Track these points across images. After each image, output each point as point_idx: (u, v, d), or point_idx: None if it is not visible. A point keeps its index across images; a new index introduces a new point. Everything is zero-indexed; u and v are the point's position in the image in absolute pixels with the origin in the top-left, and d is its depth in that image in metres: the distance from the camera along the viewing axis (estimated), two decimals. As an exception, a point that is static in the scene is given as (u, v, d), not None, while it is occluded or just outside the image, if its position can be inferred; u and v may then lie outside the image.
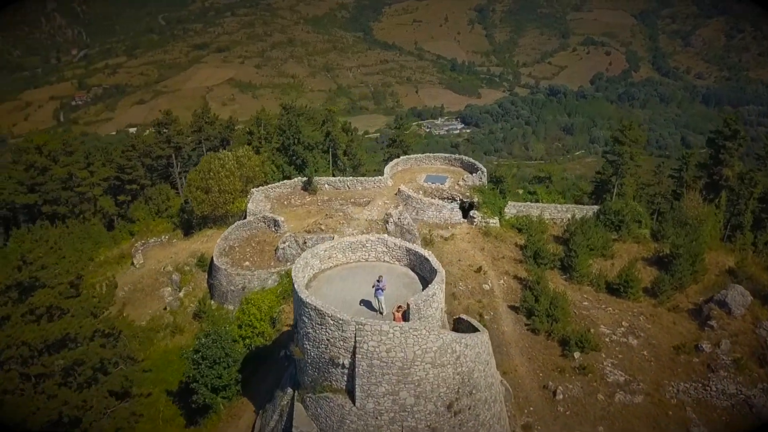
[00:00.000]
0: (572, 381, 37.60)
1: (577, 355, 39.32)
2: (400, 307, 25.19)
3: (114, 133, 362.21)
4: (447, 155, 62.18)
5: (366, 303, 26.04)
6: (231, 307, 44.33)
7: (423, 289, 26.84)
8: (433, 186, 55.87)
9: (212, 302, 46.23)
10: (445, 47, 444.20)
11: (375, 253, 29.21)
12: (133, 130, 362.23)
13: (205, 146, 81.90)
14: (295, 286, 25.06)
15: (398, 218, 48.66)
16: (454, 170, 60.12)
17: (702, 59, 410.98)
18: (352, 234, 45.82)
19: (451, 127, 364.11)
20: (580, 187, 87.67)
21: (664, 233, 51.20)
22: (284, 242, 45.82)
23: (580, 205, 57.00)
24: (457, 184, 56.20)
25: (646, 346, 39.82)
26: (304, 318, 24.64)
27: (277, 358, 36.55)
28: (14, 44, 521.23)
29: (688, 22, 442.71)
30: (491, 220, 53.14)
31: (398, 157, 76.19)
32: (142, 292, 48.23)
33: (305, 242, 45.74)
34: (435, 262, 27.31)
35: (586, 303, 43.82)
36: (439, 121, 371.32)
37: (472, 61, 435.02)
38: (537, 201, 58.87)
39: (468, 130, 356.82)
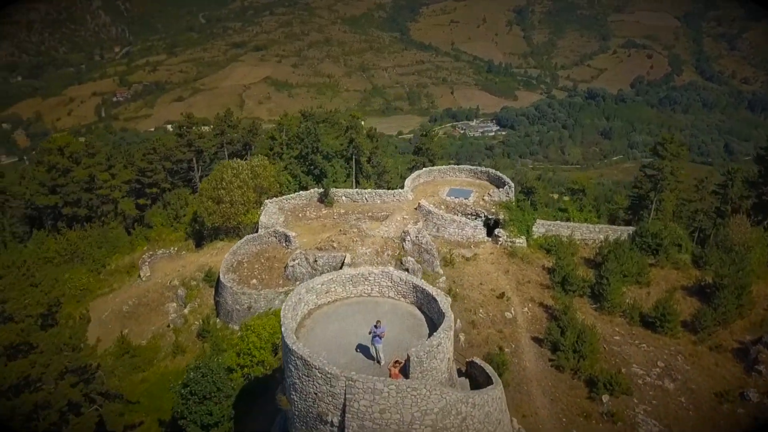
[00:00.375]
0: (599, 429, 34.01)
1: (605, 398, 35.67)
2: (397, 362, 22.21)
3: (152, 129, 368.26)
4: (473, 167, 58.80)
5: (364, 349, 23.18)
6: (236, 327, 42.06)
7: (429, 334, 23.84)
8: (456, 201, 52.63)
9: (218, 321, 44.05)
10: (482, 48, 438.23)
11: (379, 288, 26.30)
12: (170, 127, 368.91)
13: (227, 150, 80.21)
14: (283, 329, 22.40)
15: (416, 236, 45.63)
16: (480, 184, 56.71)
17: (749, 63, 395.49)
18: (366, 253, 43.02)
19: (486, 128, 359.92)
20: (616, 201, 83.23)
21: (707, 260, 46.91)
22: (294, 260, 43.31)
23: (614, 226, 52.93)
24: (482, 199, 52.83)
25: (684, 391, 35.90)
26: (290, 366, 21.96)
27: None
28: (61, 41, 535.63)
29: (735, 25, 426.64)
30: (518, 240, 49.65)
31: (423, 166, 73.38)
32: (146, 306, 46.39)
33: (316, 260, 43.15)
34: (444, 304, 24.22)
35: (617, 337, 40.06)
36: (473, 123, 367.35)
37: (509, 63, 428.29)
38: (568, 219, 55.05)
39: (503, 133, 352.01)
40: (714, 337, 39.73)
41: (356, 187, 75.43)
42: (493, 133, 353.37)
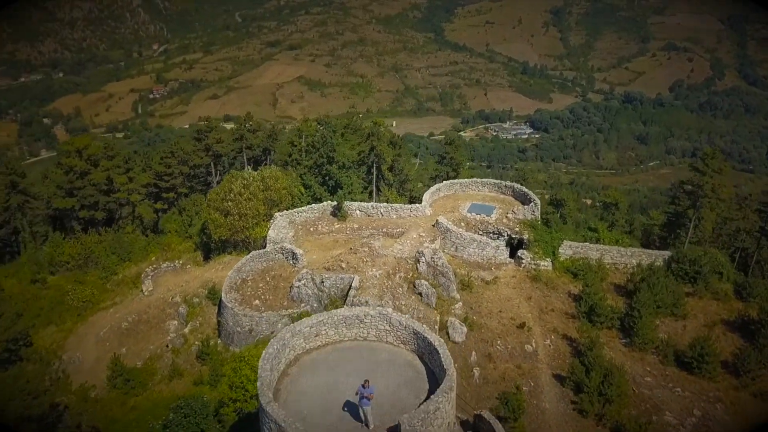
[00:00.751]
0: (624, 487, 30.58)
1: (633, 450, 32.17)
2: None
3: (187, 126, 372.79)
4: (497, 182, 55.39)
5: (353, 407, 20.29)
6: (237, 350, 39.68)
7: (430, 390, 20.86)
8: (478, 218, 49.37)
9: (219, 342, 41.75)
10: (517, 50, 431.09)
11: (376, 332, 23.44)
12: (205, 124, 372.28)
13: (246, 155, 78.34)
14: (258, 383, 19.67)
15: (431, 257, 42.57)
16: (504, 199, 53.34)
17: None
18: (375, 276, 40.14)
19: (519, 131, 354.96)
20: (651, 216, 78.69)
21: (752, 290, 42.79)
22: (300, 280, 40.72)
23: (648, 250, 48.85)
24: (506, 217, 49.46)
25: (723, 446, 32.24)
26: (264, 428, 19.28)
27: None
28: (101, 38, 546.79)
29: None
30: (542, 263, 46.16)
31: (447, 176, 70.23)
32: (146, 324, 44.42)
33: (323, 281, 40.49)
34: (445, 358, 21.18)
35: (648, 379, 36.38)
36: (507, 125, 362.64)
37: (544, 65, 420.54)
38: (598, 241, 51.23)
39: (536, 136, 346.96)
40: (759, 382, 35.77)
41: (377, 196, 72.79)
42: (526, 136, 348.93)
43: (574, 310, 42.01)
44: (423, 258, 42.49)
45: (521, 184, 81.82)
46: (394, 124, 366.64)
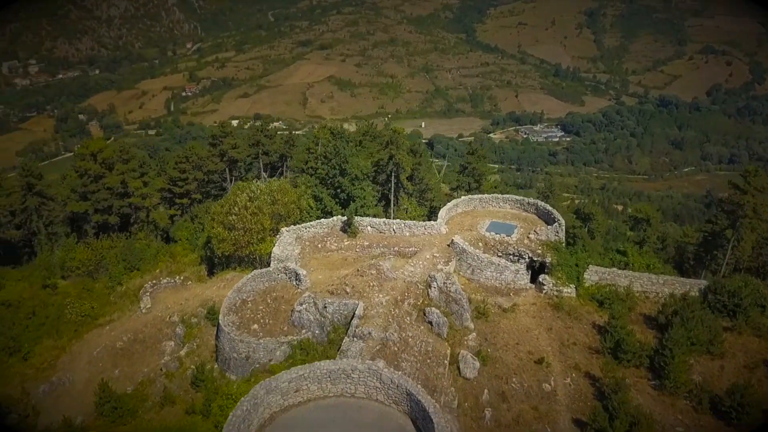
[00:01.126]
0: None
1: None
2: None
3: (216, 124, 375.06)
4: (519, 198, 51.91)
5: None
6: (233, 378, 37.27)
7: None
8: (497, 238, 46.12)
9: (216, 366, 39.36)
10: (550, 51, 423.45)
11: (365, 388, 20.69)
12: (235, 122, 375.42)
13: (262, 161, 76.26)
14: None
15: (444, 282, 39.52)
16: (527, 217, 49.94)
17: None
18: (382, 302, 37.25)
19: (549, 134, 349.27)
20: (685, 233, 74.11)
21: (799, 327, 38.75)
22: (301, 304, 38.08)
23: (682, 279, 44.87)
24: (528, 237, 46.11)
25: None
26: None
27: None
28: (137, 36, 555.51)
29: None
30: (565, 289, 42.75)
31: (468, 187, 67.02)
32: (142, 344, 42.36)
33: (325, 306, 37.77)
34: (443, 429, 18.26)
35: (680, 430, 32.71)
36: (537, 128, 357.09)
37: (577, 67, 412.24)
38: (626, 266, 47.45)
39: (568, 139, 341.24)
40: (806, 437, 31.85)
41: (395, 206, 69.95)
42: (557, 139, 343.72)
43: (599, 344, 38.50)
44: (435, 283, 39.48)
45: (546, 200, 78.62)
46: (423, 125, 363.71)
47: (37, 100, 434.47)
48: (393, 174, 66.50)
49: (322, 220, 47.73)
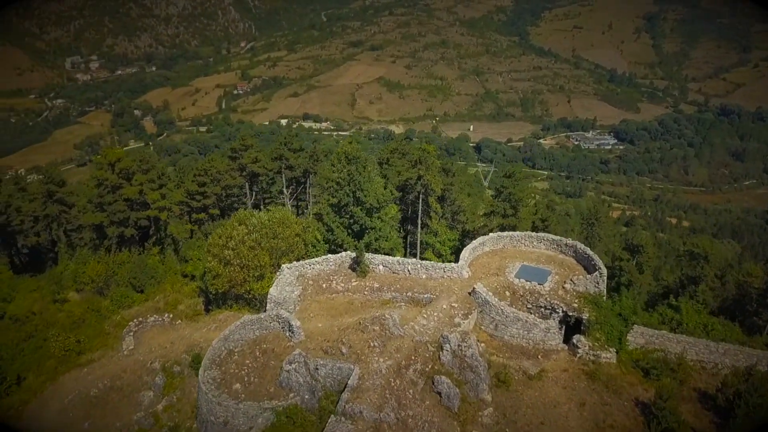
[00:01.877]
0: None
1: None
2: None
3: (267, 123, 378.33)
4: (557, 238, 45.36)
5: None
6: (211, 443, 32.60)
7: None
8: (528, 286, 40.02)
9: (195, 426, 34.77)
10: (605, 56, 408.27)
11: None
12: (284, 121, 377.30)
13: (285, 176, 71.94)
14: None
15: (458, 345, 33.77)
16: (563, 261, 43.52)
17: None
18: (381, 370, 31.79)
19: (602, 141, 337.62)
20: (749, 271, 65.76)
21: None
22: (291, 363, 33.04)
23: (747, 349, 37.53)
24: (563, 287, 39.83)
25: None
26: None
27: None
28: (194, 35, 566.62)
29: None
30: (604, 354, 36.31)
31: (504, 213, 60.74)
32: (119, 392, 38.25)
33: (317, 368, 32.63)
34: None
35: None
36: (589, 134, 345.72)
37: (633, 73, 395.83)
38: (679, 324, 40.48)
39: (621, 147, 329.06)
40: None
41: (422, 229, 64.37)
42: (609, 147, 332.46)
43: (642, 428, 32.02)
44: (448, 345, 33.78)
45: (591, 227, 71.41)
46: (471, 129, 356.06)
47: (96, 95, 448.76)
48: (420, 195, 61.12)
49: (330, 255, 42.60)
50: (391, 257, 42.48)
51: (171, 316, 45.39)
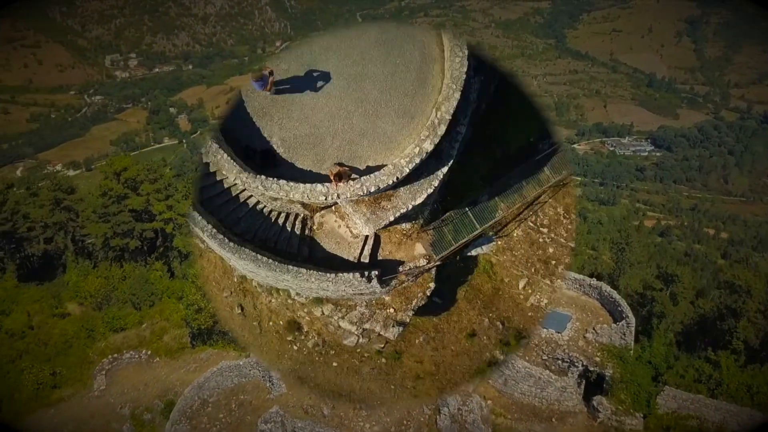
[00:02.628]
0: None
1: None
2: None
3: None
4: (580, 277, 40.54)
5: None
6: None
7: None
8: (544, 333, 35.46)
9: (163, 484, 31.44)
10: (644, 60, 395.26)
11: None
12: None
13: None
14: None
15: (458, 409, 29.47)
16: (586, 304, 38.80)
17: None
18: (367, 437, 27.79)
19: (638, 148, 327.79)
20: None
21: None
22: (266, 422, 29.27)
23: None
24: (583, 337, 35.21)
25: None
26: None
27: None
28: (230, 34, 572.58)
29: None
30: (629, 420, 31.68)
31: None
32: (84, 440, 35.05)
33: (294, 431, 28.72)
34: None
35: None
36: (625, 140, 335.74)
37: (673, 78, 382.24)
38: (718, 385, 35.40)
39: (658, 153, 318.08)
40: None
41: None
42: (646, 154, 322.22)
43: None
44: (447, 408, 29.52)
45: (621, 253, 65.55)
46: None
47: (134, 92, 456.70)
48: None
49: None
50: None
51: (149, 352, 41.96)
